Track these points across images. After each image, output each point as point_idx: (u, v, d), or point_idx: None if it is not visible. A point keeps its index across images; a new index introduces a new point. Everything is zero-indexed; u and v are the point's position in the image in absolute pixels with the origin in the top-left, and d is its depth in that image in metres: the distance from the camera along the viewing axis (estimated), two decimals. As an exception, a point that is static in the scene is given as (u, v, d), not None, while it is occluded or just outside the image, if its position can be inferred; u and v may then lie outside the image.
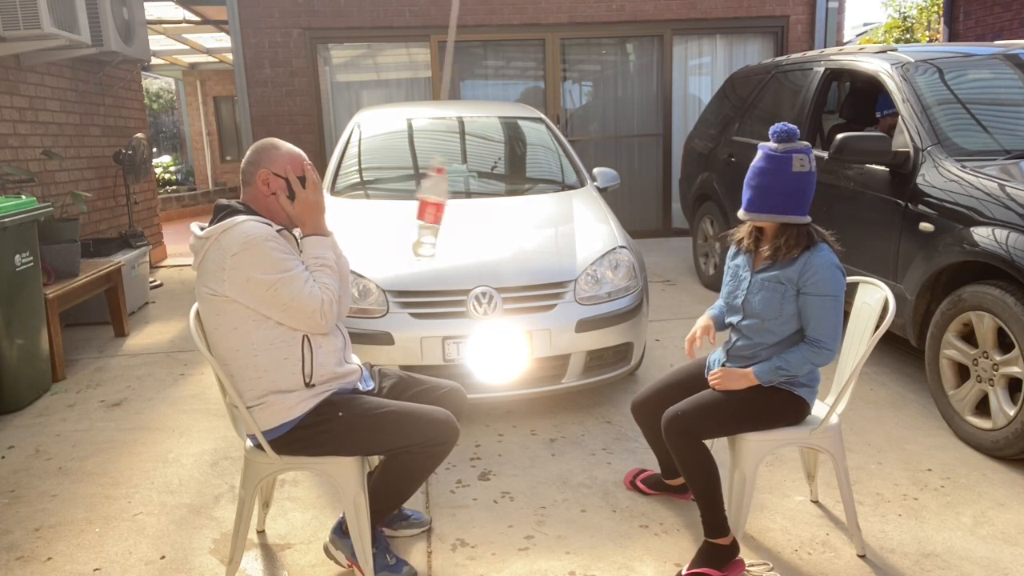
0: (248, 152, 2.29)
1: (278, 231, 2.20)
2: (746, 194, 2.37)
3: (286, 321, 2.15)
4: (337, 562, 2.40)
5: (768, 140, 2.35)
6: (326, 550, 2.43)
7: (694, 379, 2.57)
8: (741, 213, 2.39)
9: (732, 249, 2.54)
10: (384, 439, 2.22)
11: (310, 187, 2.25)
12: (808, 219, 2.34)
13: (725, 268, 2.56)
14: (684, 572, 2.32)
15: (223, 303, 2.13)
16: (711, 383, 2.42)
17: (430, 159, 2.60)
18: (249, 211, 2.22)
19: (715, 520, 2.33)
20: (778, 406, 2.37)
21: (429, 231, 2.82)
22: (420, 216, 2.81)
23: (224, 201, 2.25)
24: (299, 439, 2.21)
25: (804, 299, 2.30)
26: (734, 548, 2.34)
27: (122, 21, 5.99)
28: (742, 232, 2.49)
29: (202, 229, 2.18)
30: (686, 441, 2.31)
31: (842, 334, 2.36)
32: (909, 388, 3.84)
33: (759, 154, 2.35)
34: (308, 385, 2.20)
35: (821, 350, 2.28)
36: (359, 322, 3.29)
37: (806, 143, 2.32)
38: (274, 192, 2.24)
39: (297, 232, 2.33)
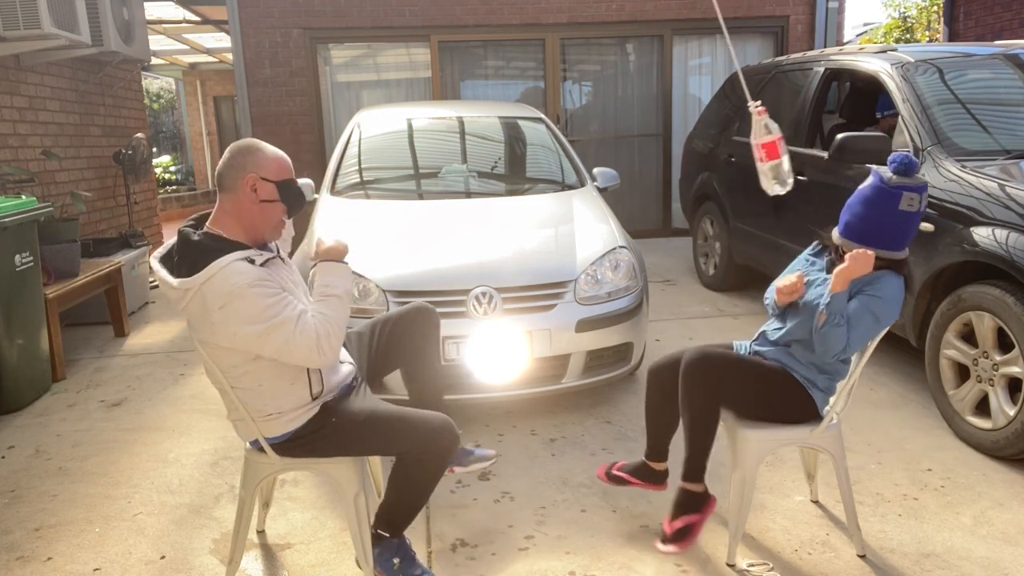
0: (226, 155, 2.07)
1: (263, 263, 2.02)
2: (845, 216, 2.30)
3: (286, 362, 2.05)
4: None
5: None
6: (358, 562, 2.38)
7: None
8: (835, 236, 2.34)
9: (816, 246, 2.53)
10: (377, 444, 2.22)
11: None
12: (905, 254, 2.27)
13: (800, 257, 2.54)
14: (669, 527, 2.37)
15: (222, 351, 2.05)
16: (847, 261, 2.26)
17: (751, 106, 2.57)
18: (217, 242, 2.01)
19: (697, 465, 2.38)
20: (795, 399, 2.38)
21: (774, 169, 2.64)
22: (770, 158, 2.62)
23: (188, 232, 2.04)
24: (298, 445, 2.21)
25: (855, 300, 2.26)
26: (707, 493, 2.40)
27: (122, 21, 5.99)
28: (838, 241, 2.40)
29: (166, 260, 2.03)
30: (704, 389, 2.32)
31: (860, 357, 2.37)
32: (909, 388, 3.84)
33: (870, 180, 2.24)
34: (314, 399, 2.18)
35: (842, 348, 2.24)
36: (359, 322, 3.28)
37: (923, 181, 2.20)
38: (264, 199, 2.06)
39: (275, 249, 2.20)
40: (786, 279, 2.44)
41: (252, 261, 2.00)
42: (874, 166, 2.35)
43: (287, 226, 2.38)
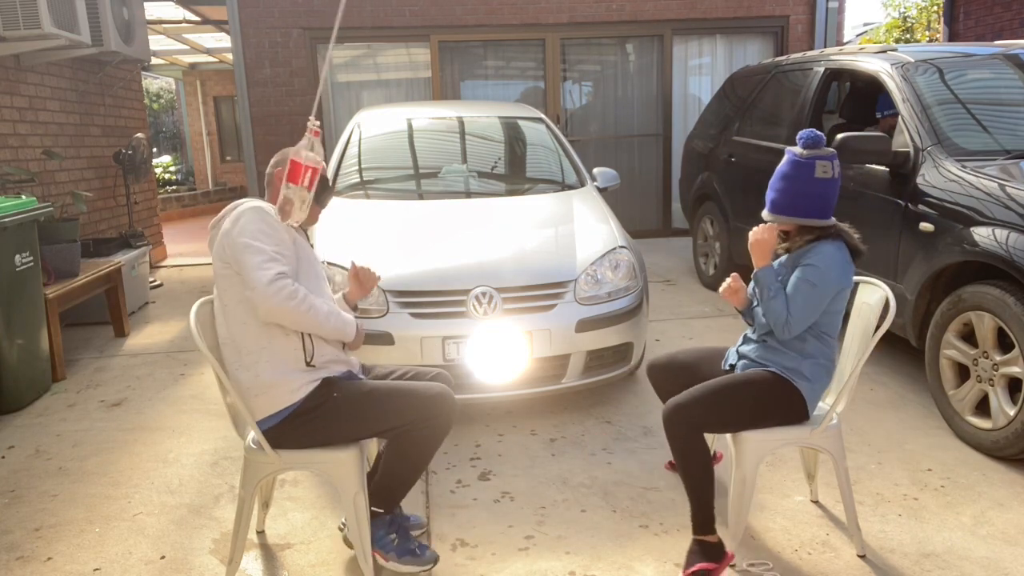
0: (273, 159, 2.39)
1: (290, 225, 2.26)
2: (769, 195, 2.44)
3: (245, 284, 2.17)
4: (351, 547, 2.46)
5: (785, 143, 2.36)
6: (345, 540, 2.51)
7: (710, 363, 2.61)
8: (765, 213, 2.45)
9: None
10: (380, 417, 2.25)
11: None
12: (831, 222, 2.39)
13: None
14: (685, 573, 2.32)
15: (234, 276, 2.20)
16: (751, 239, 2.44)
17: (309, 124, 2.35)
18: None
19: (705, 517, 2.35)
20: (777, 398, 2.37)
21: (296, 194, 2.30)
22: (294, 181, 2.25)
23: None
24: (298, 426, 2.22)
25: (792, 277, 2.35)
26: (721, 545, 2.36)
27: (122, 21, 5.99)
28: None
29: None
30: (686, 433, 2.32)
31: (831, 326, 2.39)
32: (909, 388, 3.84)
33: (785, 157, 2.42)
34: (309, 364, 2.23)
35: (784, 319, 2.30)
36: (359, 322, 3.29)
37: (832, 150, 2.38)
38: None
39: (302, 233, 2.38)
40: (722, 286, 2.55)
41: (276, 213, 2.26)
42: (787, 147, 2.48)
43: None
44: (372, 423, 2.26)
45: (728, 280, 2.52)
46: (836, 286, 2.33)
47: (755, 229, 2.43)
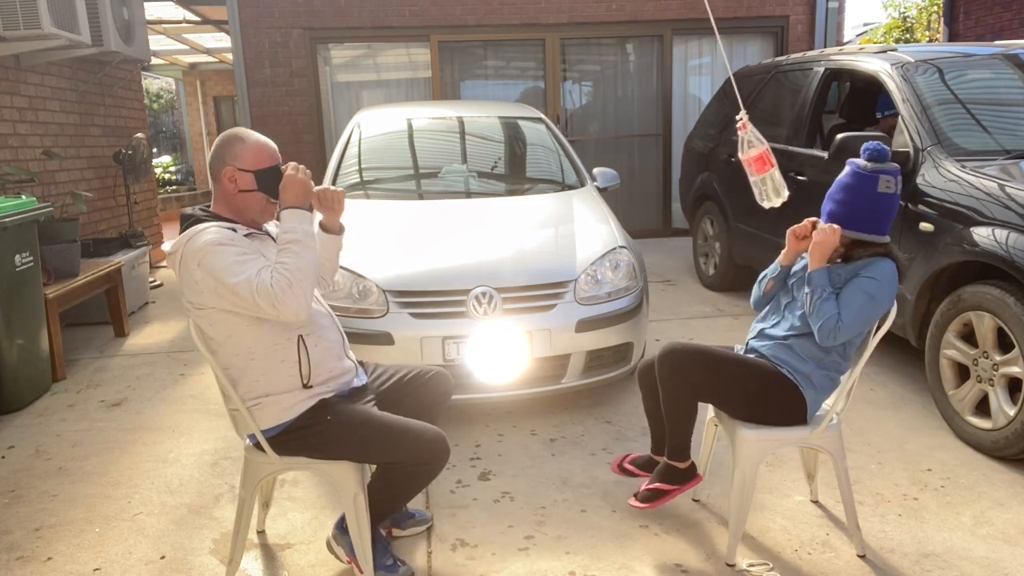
0: (214, 145, 2.21)
1: (246, 235, 2.15)
2: (827, 206, 2.38)
3: (263, 317, 2.09)
4: (337, 557, 2.41)
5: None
6: (328, 545, 2.44)
7: None
8: (822, 224, 2.39)
9: None
10: (370, 451, 2.21)
11: (292, 169, 2.17)
12: (887, 239, 2.35)
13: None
14: (641, 488, 2.44)
15: (211, 315, 2.12)
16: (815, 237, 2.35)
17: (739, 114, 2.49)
18: (212, 216, 2.16)
19: (680, 444, 2.45)
20: (779, 397, 2.37)
21: (769, 178, 2.56)
22: (759, 171, 2.54)
23: (188, 210, 2.22)
24: (293, 439, 2.21)
25: (848, 285, 2.30)
26: (692, 470, 2.45)
27: (122, 21, 5.99)
28: None
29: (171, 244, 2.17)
30: (678, 382, 2.37)
31: (856, 344, 2.38)
32: (909, 388, 3.84)
33: (847, 169, 2.36)
34: (306, 386, 2.20)
35: (834, 324, 2.26)
36: (359, 322, 3.29)
37: (895, 165, 2.32)
38: (242, 189, 2.17)
39: (272, 229, 2.30)
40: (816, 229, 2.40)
41: (234, 231, 2.13)
42: (850, 158, 2.43)
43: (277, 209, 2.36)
44: (360, 454, 2.22)
45: (807, 220, 2.40)
46: (888, 304, 2.31)
47: (821, 227, 2.34)
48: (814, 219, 2.44)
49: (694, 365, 2.37)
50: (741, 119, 2.56)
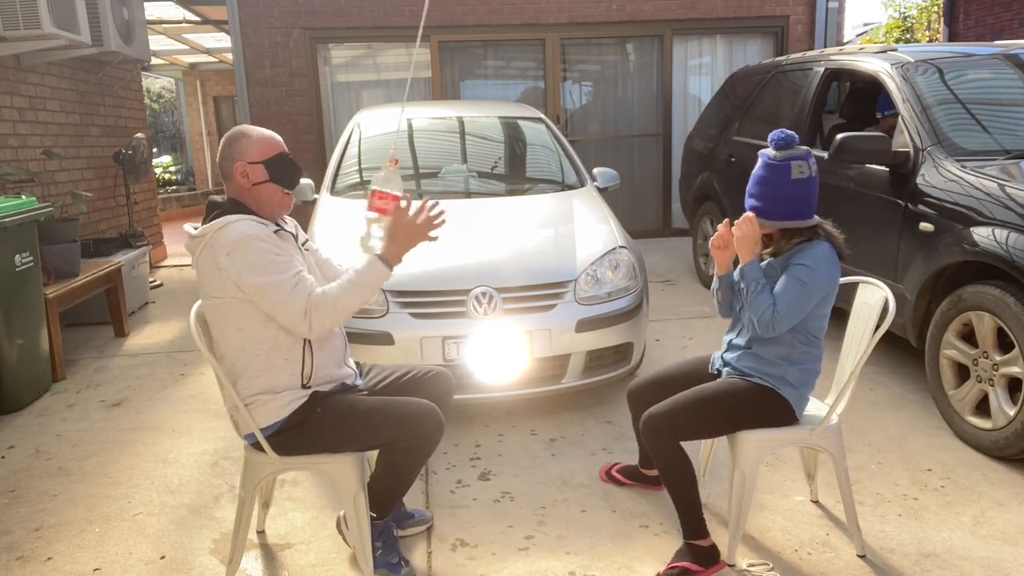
0: (221, 145, 2.23)
1: (275, 231, 2.17)
2: (748, 202, 2.38)
3: (277, 319, 2.11)
4: (345, 540, 2.46)
5: (767, 143, 2.35)
6: (338, 525, 2.51)
7: (693, 376, 2.56)
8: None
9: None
10: (362, 434, 2.23)
11: (415, 213, 2.22)
12: (814, 221, 2.34)
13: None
14: (663, 569, 2.33)
15: (227, 305, 2.12)
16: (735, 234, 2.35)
17: (389, 154, 2.33)
18: (239, 208, 2.17)
19: (692, 521, 2.35)
20: (760, 407, 2.36)
21: (378, 224, 2.38)
22: (371, 208, 2.36)
23: (216, 198, 2.23)
24: (288, 438, 2.22)
25: (782, 275, 2.30)
26: (714, 550, 2.35)
27: (122, 21, 5.99)
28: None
29: (196, 228, 2.15)
30: (664, 441, 2.31)
31: (818, 327, 2.36)
32: (909, 388, 3.84)
33: (759, 162, 2.36)
34: (304, 387, 2.21)
35: (771, 316, 2.25)
36: (359, 322, 3.29)
37: (805, 149, 2.32)
38: (256, 182, 2.19)
39: (291, 227, 2.30)
40: (712, 239, 2.45)
41: (264, 225, 2.15)
42: (760, 143, 2.40)
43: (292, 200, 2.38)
44: (354, 440, 2.24)
45: (720, 227, 2.41)
46: (825, 287, 2.30)
47: (737, 223, 2.34)
48: (727, 219, 2.45)
49: (672, 418, 2.32)
50: (394, 156, 2.37)
